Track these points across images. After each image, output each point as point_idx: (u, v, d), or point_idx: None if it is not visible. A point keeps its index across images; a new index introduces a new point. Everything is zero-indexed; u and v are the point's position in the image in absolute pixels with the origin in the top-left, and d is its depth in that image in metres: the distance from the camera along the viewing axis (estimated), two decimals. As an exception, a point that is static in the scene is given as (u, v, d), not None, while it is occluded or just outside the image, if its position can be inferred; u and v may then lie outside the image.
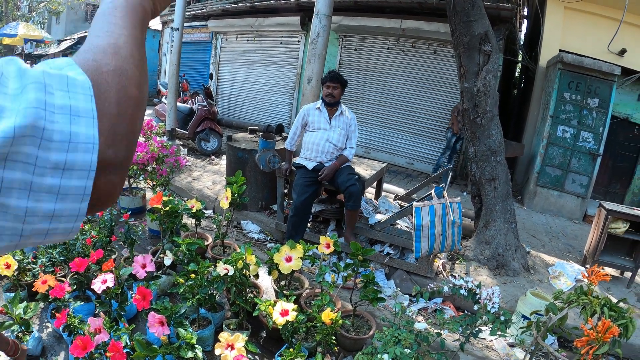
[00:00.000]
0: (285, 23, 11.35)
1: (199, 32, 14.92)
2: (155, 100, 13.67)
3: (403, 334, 2.52)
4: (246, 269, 3.17)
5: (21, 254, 3.58)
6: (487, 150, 4.93)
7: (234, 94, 13.71)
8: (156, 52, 19.30)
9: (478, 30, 4.74)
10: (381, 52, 9.85)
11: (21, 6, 26.99)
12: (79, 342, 2.38)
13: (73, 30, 29.17)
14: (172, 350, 2.46)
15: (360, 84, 10.23)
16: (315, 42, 5.63)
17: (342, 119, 4.83)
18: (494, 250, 4.87)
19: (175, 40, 8.46)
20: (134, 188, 5.87)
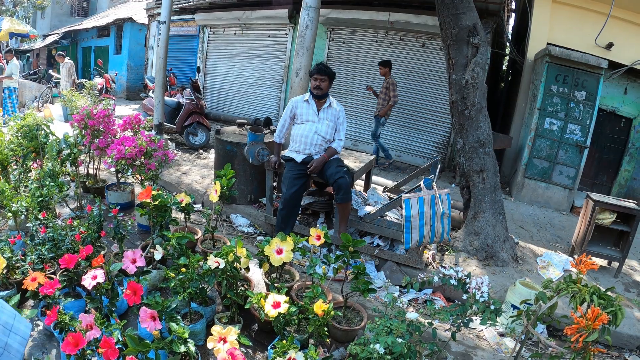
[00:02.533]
0: (273, 16, 11.30)
1: (186, 25, 14.80)
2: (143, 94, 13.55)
3: (395, 323, 2.54)
4: (237, 261, 3.18)
5: (9, 252, 3.55)
6: (475, 142, 4.96)
7: (221, 88, 13.65)
8: (142, 46, 19.13)
9: (466, 22, 4.75)
10: (369, 44, 9.85)
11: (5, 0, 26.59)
12: (70, 339, 2.36)
13: (58, 24, 28.78)
14: (165, 345, 2.46)
15: (349, 77, 10.23)
16: (303, 35, 5.63)
17: (330, 111, 4.81)
18: (483, 241, 4.91)
19: (162, 33, 8.40)
20: (122, 183, 5.83)
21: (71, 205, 5.29)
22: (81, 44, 25.69)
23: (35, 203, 4.13)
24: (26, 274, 3.36)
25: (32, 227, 3.87)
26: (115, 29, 20.95)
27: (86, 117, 5.63)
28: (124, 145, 5.00)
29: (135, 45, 19.67)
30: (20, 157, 5.28)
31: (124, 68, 19.76)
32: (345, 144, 9.17)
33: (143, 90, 14.93)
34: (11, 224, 4.47)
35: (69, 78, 13.36)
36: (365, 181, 6.07)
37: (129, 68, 19.75)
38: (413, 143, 9.43)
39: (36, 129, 5.38)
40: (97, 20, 23.77)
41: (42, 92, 14.64)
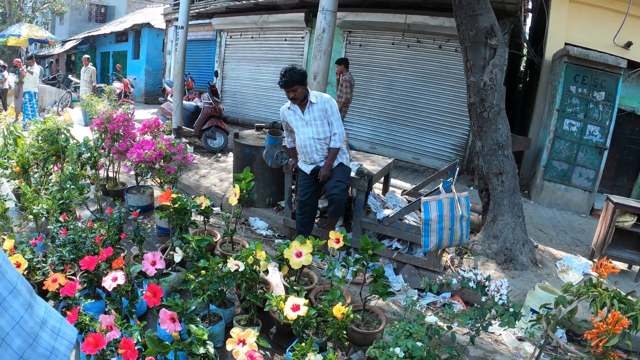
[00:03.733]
0: (289, 20, 11.35)
1: (203, 30, 14.93)
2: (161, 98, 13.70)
3: (414, 327, 2.52)
4: (256, 264, 3.19)
5: (31, 253, 3.60)
6: (494, 144, 4.92)
7: (239, 92, 13.73)
8: (160, 51, 19.32)
9: (484, 24, 4.73)
10: (386, 47, 9.83)
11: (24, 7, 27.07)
12: (90, 340, 2.39)
13: (77, 30, 29.24)
14: (184, 347, 2.47)
15: (366, 80, 10.21)
16: (320, 38, 5.62)
17: (314, 108, 4.53)
18: (502, 245, 4.86)
19: (180, 38, 8.48)
20: (141, 186, 5.90)
21: (91, 207, 5.35)
22: (100, 49, 26.06)
23: (56, 205, 4.18)
24: (47, 275, 3.41)
25: (53, 229, 3.92)
26: (133, 34, 21.23)
27: (106, 121, 5.70)
28: (143, 149, 5.05)
29: (153, 50, 19.88)
30: (41, 160, 5.36)
31: (142, 73, 20.00)
32: (362, 147, 9.19)
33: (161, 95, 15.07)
34: (32, 225, 4.53)
35: (89, 84, 13.54)
36: (383, 184, 6.05)
37: (147, 72, 19.98)
38: (431, 145, 9.38)
39: (56, 133, 5.46)
40: (115, 25, 24.09)
41: (62, 97, 14.86)
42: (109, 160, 6.22)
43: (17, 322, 0.72)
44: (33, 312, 0.77)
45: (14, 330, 0.71)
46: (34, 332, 0.75)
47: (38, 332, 0.75)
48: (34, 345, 0.73)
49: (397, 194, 5.91)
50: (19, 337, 0.72)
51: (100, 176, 6.09)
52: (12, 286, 0.73)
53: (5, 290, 0.72)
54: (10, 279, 0.74)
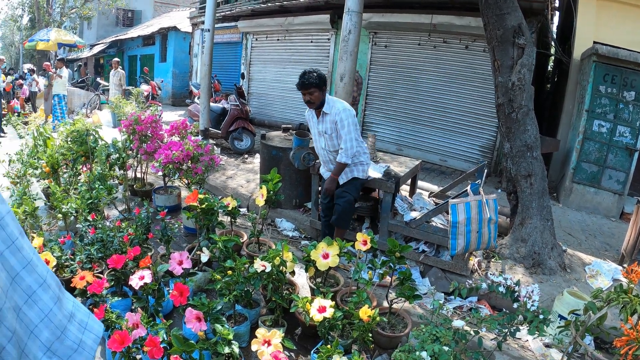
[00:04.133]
0: (315, 21, 11.35)
1: (229, 32, 15.06)
2: (188, 100, 13.86)
3: (441, 331, 2.48)
4: (283, 265, 3.18)
5: (59, 251, 3.66)
6: (522, 146, 4.83)
7: (265, 93, 13.79)
8: (187, 54, 19.56)
9: (511, 23, 4.64)
10: (412, 48, 9.75)
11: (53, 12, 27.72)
12: (116, 337, 2.41)
13: (104, 34, 29.89)
14: (209, 346, 2.48)
15: (392, 81, 10.15)
16: (346, 40, 5.60)
17: (327, 119, 4.36)
18: (530, 249, 4.76)
19: (206, 41, 8.54)
20: (169, 187, 5.96)
21: (119, 207, 5.42)
22: (127, 52, 26.56)
23: (85, 205, 4.25)
24: (75, 273, 3.46)
25: (82, 228, 3.98)
26: (160, 37, 21.54)
27: (134, 122, 5.78)
28: (171, 150, 5.09)
29: (180, 53, 20.13)
30: (70, 161, 5.45)
31: (169, 75, 20.27)
32: (389, 149, 9.13)
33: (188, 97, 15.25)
34: (61, 224, 4.62)
35: (119, 87, 13.77)
36: (410, 186, 5.99)
37: (174, 75, 20.24)
38: (458, 147, 9.26)
39: (85, 134, 5.54)
40: (142, 29, 24.51)
41: (90, 99, 15.15)
42: (137, 161, 6.30)
43: (46, 314, 0.74)
44: (62, 305, 0.79)
45: (43, 323, 0.73)
46: (62, 325, 0.76)
47: (66, 325, 0.77)
48: (62, 338, 0.75)
49: (424, 196, 5.84)
50: (47, 329, 0.73)
51: (129, 177, 6.18)
52: (42, 280, 0.75)
53: (36, 284, 0.74)
54: (40, 272, 0.76)
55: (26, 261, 0.75)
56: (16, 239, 0.74)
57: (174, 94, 20.21)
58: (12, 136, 11.21)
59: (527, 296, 2.68)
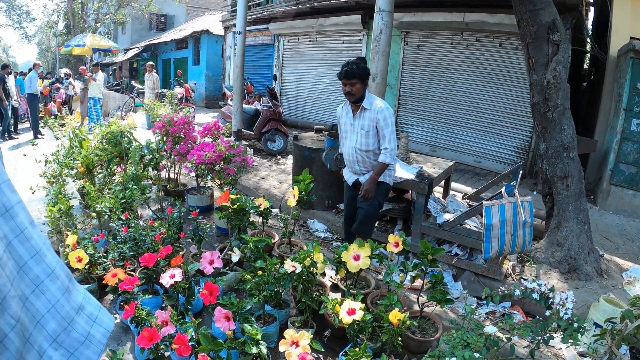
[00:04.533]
0: (346, 22, 11.32)
1: (261, 35, 15.17)
2: (221, 102, 14.01)
3: (473, 337, 2.40)
4: (313, 266, 3.15)
5: (92, 249, 3.73)
6: (559, 146, 4.69)
7: (298, 95, 13.84)
8: (219, 56, 19.79)
9: (545, 19, 4.51)
10: (445, 47, 9.61)
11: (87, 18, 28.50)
12: (145, 334, 2.44)
13: (138, 39, 30.59)
14: (237, 345, 2.49)
15: (425, 81, 10.03)
16: (378, 40, 5.55)
17: (365, 116, 4.05)
18: (566, 253, 4.61)
19: (238, 43, 8.63)
20: (201, 187, 6.02)
21: (152, 207, 5.50)
22: (161, 56, 27.08)
23: (118, 204, 4.33)
24: (107, 270, 3.52)
25: (115, 226, 4.05)
26: (193, 41, 21.88)
27: (167, 124, 5.85)
28: (203, 151, 5.14)
29: (213, 56, 20.38)
30: (105, 161, 5.55)
31: (203, 78, 20.55)
32: (422, 150, 9.02)
33: (221, 99, 15.42)
34: (95, 223, 4.71)
35: (152, 90, 14.03)
36: (444, 187, 5.90)
37: (207, 78, 20.51)
38: (492, 148, 9.08)
39: (120, 136, 5.64)
40: (175, 33, 24.95)
41: (125, 102, 15.48)
42: (170, 162, 6.38)
43: (53, 305, 0.74)
44: (70, 297, 0.78)
45: (50, 313, 0.73)
46: (70, 316, 0.76)
47: (74, 317, 0.76)
48: (68, 329, 0.75)
49: (458, 197, 5.74)
50: (54, 320, 0.73)
51: (162, 177, 6.26)
52: (50, 270, 0.75)
53: (44, 274, 0.74)
54: (49, 263, 0.76)
55: (34, 251, 0.74)
56: (25, 228, 0.75)
57: (207, 96, 20.49)
58: (49, 138, 11.54)
59: (561, 303, 2.58)
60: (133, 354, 3.15)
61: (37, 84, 12.55)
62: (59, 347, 0.73)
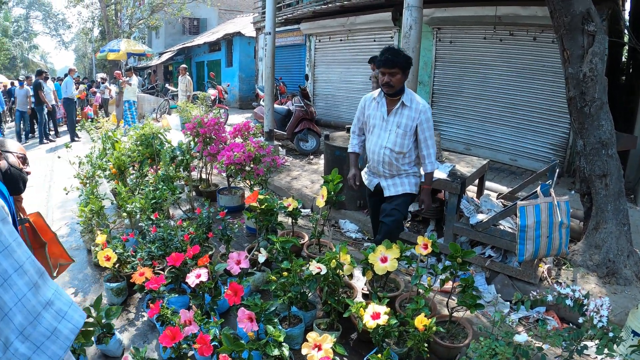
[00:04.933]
0: (376, 20, 11.23)
1: (293, 35, 15.21)
2: (254, 103, 14.12)
3: (501, 346, 2.30)
4: (339, 268, 3.10)
5: (121, 248, 3.79)
6: (597, 143, 4.50)
7: (330, 94, 13.82)
8: (252, 58, 19.95)
9: (579, 8, 4.34)
10: (477, 42, 9.39)
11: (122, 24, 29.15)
12: (168, 332, 2.47)
13: (172, 42, 31.16)
14: (259, 347, 2.46)
15: (458, 78, 9.83)
16: (408, 36, 5.46)
17: (404, 113, 3.60)
18: (604, 256, 4.41)
19: (268, 44, 8.66)
20: (232, 187, 6.06)
21: (184, 207, 5.55)
22: (194, 59, 27.52)
23: (149, 204, 4.37)
24: (135, 269, 3.56)
25: (144, 226, 4.10)
26: (226, 43, 22.12)
27: (198, 125, 5.90)
28: (233, 152, 5.15)
29: (245, 58, 20.55)
30: (137, 162, 5.64)
31: (236, 79, 20.76)
32: (456, 148, 8.85)
33: (255, 100, 15.52)
34: (127, 223, 4.78)
35: (185, 92, 14.26)
36: (478, 187, 5.76)
37: (241, 79, 20.70)
38: (528, 145, 8.83)
39: (152, 137, 5.72)
40: (207, 36, 25.27)
41: (160, 105, 15.78)
42: (202, 162, 6.44)
43: (20, 299, 0.78)
44: (38, 292, 0.82)
45: (16, 307, 0.77)
46: (36, 311, 0.80)
47: (40, 312, 0.80)
48: (34, 323, 0.79)
49: (493, 197, 5.59)
50: (20, 313, 0.77)
51: (194, 178, 6.33)
52: (18, 265, 0.80)
53: (11, 268, 0.79)
54: (17, 258, 0.80)
55: (3, 246, 0.79)
56: None
57: (240, 97, 20.69)
58: (85, 140, 11.85)
59: (595, 310, 2.44)
60: (158, 352, 3.17)
61: (72, 88, 12.95)
62: (25, 340, 0.77)
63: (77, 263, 4.23)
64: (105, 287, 3.79)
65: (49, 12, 52.76)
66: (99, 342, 3.09)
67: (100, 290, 3.99)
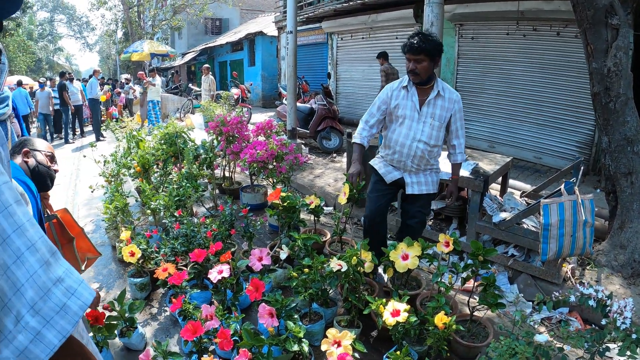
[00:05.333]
0: (398, 17, 11.17)
1: (314, 34, 15.23)
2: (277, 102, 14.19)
3: (521, 346, 2.27)
4: (360, 265, 3.10)
5: (145, 244, 3.86)
6: (622, 140, 4.40)
7: (353, 92, 13.81)
8: (274, 57, 20.04)
9: (602, 1, 4.24)
10: (500, 38, 9.27)
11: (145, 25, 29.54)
12: (189, 327, 2.51)
13: (194, 43, 31.46)
14: (279, 342, 2.48)
15: (481, 74, 9.73)
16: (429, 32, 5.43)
17: (439, 104, 3.42)
18: (630, 256, 4.32)
19: (290, 42, 8.69)
20: (255, 185, 6.10)
21: (207, 205, 5.61)
22: (217, 59, 27.75)
23: (172, 202, 4.44)
24: (159, 265, 3.62)
25: (168, 223, 4.16)
26: (248, 43, 22.27)
27: (221, 124, 5.95)
28: (255, 149, 5.19)
29: (268, 57, 20.65)
30: (162, 161, 5.73)
31: (259, 78, 20.87)
32: (480, 146, 8.75)
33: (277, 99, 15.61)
34: (151, 220, 4.86)
35: (208, 92, 14.40)
36: (501, 185, 5.69)
37: (263, 78, 20.81)
38: (552, 143, 8.69)
39: (175, 136, 5.80)
40: (230, 36, 25.46)
41: (184, 104, 15.94)
42: (225, 161, 6.50)
43: (31, 275, 0.83)
44: (49, 269, 0.87)
45: (28, 283, 0.82)
46: (47, 287, 0.85)
47: (50, 288, 0.86)
48: (45, 298, 0.84)
49: (516, 195, 5.52)
50: (32, 289, 0.82)
51: (217, 176, 6.39)
52: (30, 243, 0.85)
53: (24, 246, 0.84)
54: (30, 237, 0.86)
55: (17, 225, 0.84)
56: (9, 205, 0.85)
57: (263, 96, 20.81)
58: (110, 140, 12.05)
59: (618, 312, 2.39)
60: (179, 346, 3.23)
61: (97, 89, 13.14)
62: (36, 315, 0.82)
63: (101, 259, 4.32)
64: (129, 282, 3.86)
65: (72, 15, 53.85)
66: (121, 336, 3.16)
67: (124, 285, 4.07)
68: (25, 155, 2.17)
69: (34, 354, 0.80)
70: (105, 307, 3.11)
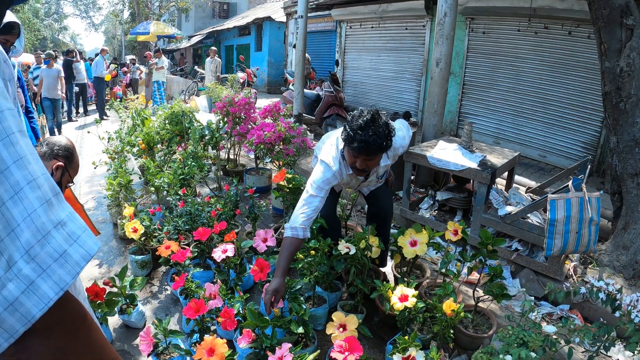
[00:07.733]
0: (409, 8, 11.07)
1: (324, 21, 15.11)
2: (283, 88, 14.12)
3: (530, 335, 2.24)
4: (368, 250, 3.06)
5: (148, 221, 3.82)
6: (630, 140, 4.36)
7: (360, 82, 13.73)
8: (281, 43, 19.94)
9: (618, 1, 4.20)
10: (511, 34, 9.19)
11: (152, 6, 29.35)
12: (192, 305, 2.47)
13: (201, 26, 31.29)
14: (283, 324, 2.44)
15: (490, 69, 9.66)
16: (442, 23, 5.36)
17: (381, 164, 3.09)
18: (632, 257, 4.29)
19: (300, 27, 8.62)
20: (260, 168, 6.05)
21: (211, 185, 5.57)
22: (224, 42, 27.62)
23: (177, 180, 4.40)
24: (162, 242, 3.57)
25: (172, 200, 4.11)
26: (255, 27, 22.13)
27: (228, 104, 5.90)
28: (263, 131, 5.14)
29: (275, 43, 20.54)
30: (166, 140, 5.68)
31: (265, 64, 20.78)
32: (486, 141, 8.69)
33: (283, 85, 15.53)
34: (154, 198, 4.82)
35: (214, 74, 14.29)
36: (507, 179, 5.65)
37: (270, 64, 20.72)
38: (559, 142, 8.64)
39: (181, 115, 5.74)
40: (237, 20, 25.30)
41: (189, 87, 15.87)
42: (230, 142, 6.45)
43: (29, 214, 0.70)
44: (50, 210, 0.74)
45: (25, 222, 0.69)
46: (46, 229, 0.71)
47: (50, 231, 0.72)
48: (43, 242, 0.70)
49: (521, 191, 5.48)
50: (28, 230, 0.69)
51: (222, 157, 6.34)
52: (32, 178, 0.72)
53: (24, 180, 0.71)
54: (32, 171, 0.73)
55: (18, 156, 0.72)
56: (12, 133, 0.72)
57: (269, 82, 20.74)
58: (113, 119, 11.99)
59: (632, 305, 2.36)
60: (180, 324, 3.20)
61: (103, 68, 13.04)
62: (31, 261, 0.69)
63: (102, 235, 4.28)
64: (130, 259, 3.83)
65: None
66: (121, 313, 3.13)
67: (125, 262, 4.04)
68: (56, 169, 2.08)
69: (26, 307, 0.67)
70: (105, 282, 3.08)
